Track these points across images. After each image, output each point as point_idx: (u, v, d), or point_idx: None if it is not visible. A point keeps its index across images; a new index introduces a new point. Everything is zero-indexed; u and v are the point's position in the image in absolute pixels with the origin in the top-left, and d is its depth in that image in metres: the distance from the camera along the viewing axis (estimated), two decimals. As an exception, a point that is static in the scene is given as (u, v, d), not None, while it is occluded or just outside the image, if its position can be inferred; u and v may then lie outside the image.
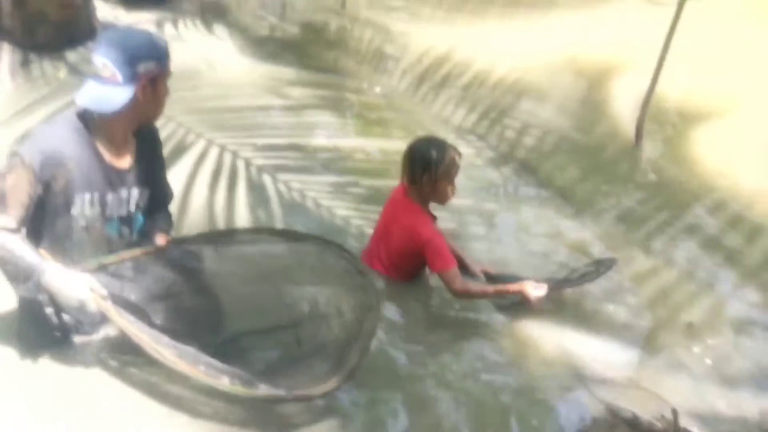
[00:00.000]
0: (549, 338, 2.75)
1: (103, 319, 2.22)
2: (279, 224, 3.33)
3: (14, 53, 4.53)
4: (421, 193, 2.81)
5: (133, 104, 2.16)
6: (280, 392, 2.15)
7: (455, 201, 3.51)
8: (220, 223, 3.28)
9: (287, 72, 4.91)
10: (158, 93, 2.23)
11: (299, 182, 3.65)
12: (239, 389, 2.14)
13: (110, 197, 2.27)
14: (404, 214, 2.83)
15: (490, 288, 2.86)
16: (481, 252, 3.24)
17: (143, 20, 5.30)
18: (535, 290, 2.75)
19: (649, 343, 2.79)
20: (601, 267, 3.00)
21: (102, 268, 2.21)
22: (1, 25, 4.53)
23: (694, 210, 3.72)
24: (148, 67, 2.15)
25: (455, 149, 2.83)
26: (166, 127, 3.89)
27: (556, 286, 2.87)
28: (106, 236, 2.30)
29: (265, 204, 3.47)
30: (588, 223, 3.56)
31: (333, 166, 3.89)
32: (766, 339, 2.84)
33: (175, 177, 3.48)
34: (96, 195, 2.23)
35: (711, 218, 3.66)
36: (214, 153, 3.80)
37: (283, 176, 3.68)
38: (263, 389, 2.14)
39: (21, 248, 2.09)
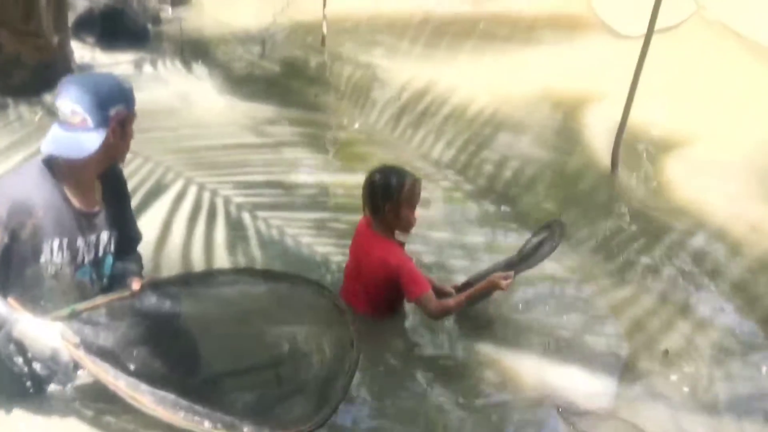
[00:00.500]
0: (527, 369, 2.75)
1: (76, 367, 2.19)
2: (258, 262, 3.32)
3: (-9, 97, 4.56)
4: (384, 222, 2.81)
5: (105, 147, 2.16)
6: None
7: (436, 234, 3.57)
8: (199, 262, 3.28)
9: (267, 109, 4.96)
10: (127, 135, 2.24)
11: (279, 219, 3.66)
12: None
13: (80, 242, 2.26)
14: (372, 247, 2.83)
15: (463, 296, 2.84)
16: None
17: (121, 61, 5.35)
18: (504, 279, 2.77)
19: (626, 372, 2.79)
20: (555, 231, 3.02)
21: (74, 316, 2.18)
22: (-23, 69, 4.56)
23: (669, 237, 3.75)
24: (119, 109, 2.16)
25: (414, 176, 2.86)
26: (144, 167, 3.91)
27: (522, 268, 2.92)
28: (78, 282, 2.28)
29: (244, 242, 3.47)
30: (567, 252, 3.57)
31: (313, 203, 3.91)
32: (743, 365, 2.85)
33: (154, 216, 3.51)
34: (65, 241, 2.22)
35: (686, 245, 3.70)
36: (192, 192, 3.81)
37: (262, 213, 3.69)
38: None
39: None
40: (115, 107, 2.15)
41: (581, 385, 2.69)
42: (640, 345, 2.94)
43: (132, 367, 2.19)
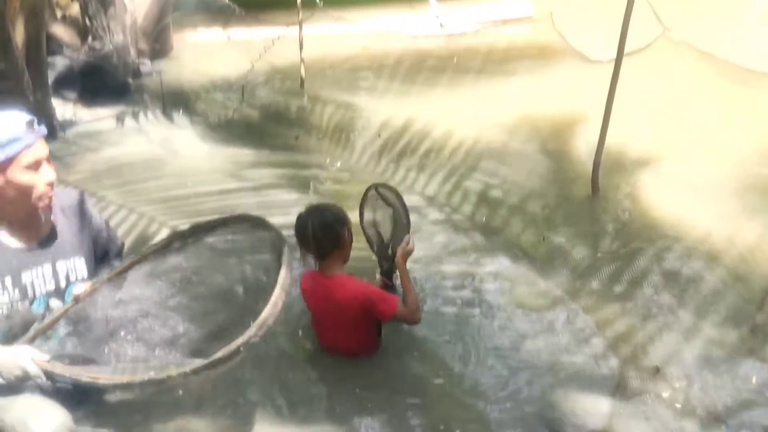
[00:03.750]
0: (518, 393, 2.77)
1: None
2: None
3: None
4: (340, 256, 2.82)
5: None
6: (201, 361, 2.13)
7: (427, 267, 3.59)
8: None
9: (249, 154, 5.01)
10: (10, 180, 2.24)
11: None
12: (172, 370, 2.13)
13: (27, 277, 2.29)
14: (335, 291, 2.80)
15: (408, 286, 2.87)
16: (455, 315, 3.29)
17: (103, 116, 5.41)
18: (407, 247, 2.91)
19: (618, 391, 2.80)
20: (385, 196, 3.11)
21: (38, 335, 2.22)
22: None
23: (651, 252, 3.80)
24: None
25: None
26: (128, 219, 3.94)
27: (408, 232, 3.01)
28: (34, 314, 2.31)
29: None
30: (553, 275, 3.63)
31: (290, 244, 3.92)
32: (732, 377, 2.86)
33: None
34: (8, 279, 2.25)
35: (668, 259, 3.74)
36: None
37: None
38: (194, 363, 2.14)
39: None
40: None
41: (574, 405, 2.70)
42: (629, 362, 2.96)
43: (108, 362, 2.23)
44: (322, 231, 2.78)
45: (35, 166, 2.27)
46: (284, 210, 4.21)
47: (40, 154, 2.29)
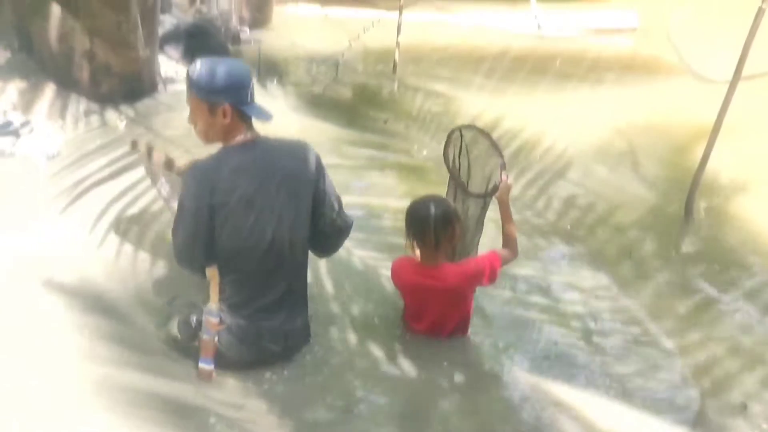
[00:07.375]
0: (594, 413, 2.68)
1: None
2: (327, 283, 3.34)
3: (79, 102, 4.74)
4: (449, 248, 2.83)
5: None
6: None
7: (509, 269, 3.52)
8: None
9: (336, 131, 5.02)
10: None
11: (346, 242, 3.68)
12: None
13: None
14: (444, 281, 2.81)
15: (509, 227, 2.94)
16: (535, 320, 3.23)
17: (203, 77, 5.51)
18: (508, 182, 3.00)
19: (698, 424, 2.68)
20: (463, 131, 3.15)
21: None
22: (70, 75, 4.75)
23: (744, 284, 3.63)
24: None
25: None
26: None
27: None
28: None
29: (312, 264, 3.48)
30: (634, 294, 3.51)
31: (378, 226, 3.91)
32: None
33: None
34: None
35: (762, 293, 3.57)
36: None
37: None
38: None
39: None
40: None
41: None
42: (711, 395, 2.83)
43: None
44: (443, 223, 2.77)
45: None
46: (366, 191, 4.23)
47: None
